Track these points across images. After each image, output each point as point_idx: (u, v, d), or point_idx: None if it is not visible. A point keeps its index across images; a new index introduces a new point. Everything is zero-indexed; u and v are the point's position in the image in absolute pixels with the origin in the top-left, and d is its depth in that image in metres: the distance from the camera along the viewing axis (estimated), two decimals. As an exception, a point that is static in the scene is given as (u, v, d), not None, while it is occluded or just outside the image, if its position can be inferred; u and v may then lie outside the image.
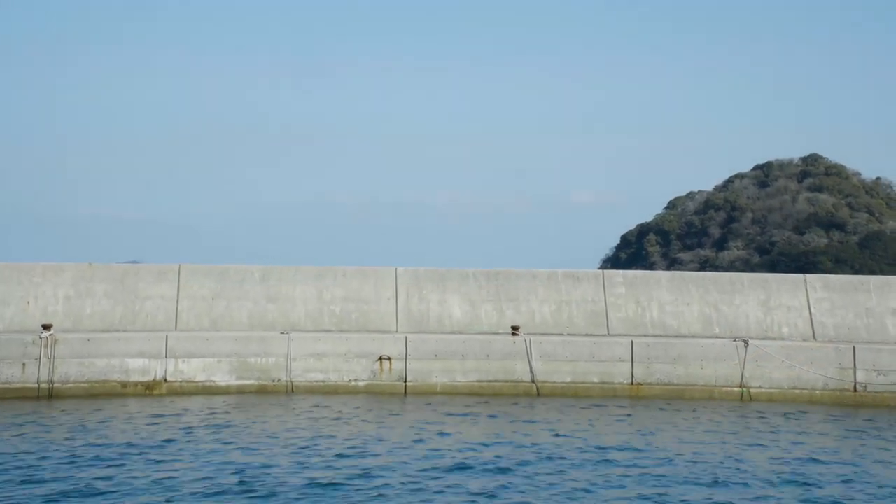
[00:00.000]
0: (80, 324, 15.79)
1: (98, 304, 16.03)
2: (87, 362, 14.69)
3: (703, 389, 15.51)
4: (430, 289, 16.84)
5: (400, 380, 15.40)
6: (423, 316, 16.66)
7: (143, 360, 14.86)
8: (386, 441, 11.34)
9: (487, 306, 16.77)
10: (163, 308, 16.16)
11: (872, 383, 15.39)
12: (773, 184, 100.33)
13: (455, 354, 15.52)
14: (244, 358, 15.18)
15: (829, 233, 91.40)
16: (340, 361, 15.40)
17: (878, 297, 16.99)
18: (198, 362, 15.06)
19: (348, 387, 15.31)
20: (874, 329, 16.77)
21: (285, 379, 15.18)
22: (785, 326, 16.78)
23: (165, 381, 14.89)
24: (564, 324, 16.73)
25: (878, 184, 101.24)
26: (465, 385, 15.44)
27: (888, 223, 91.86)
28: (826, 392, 15.45)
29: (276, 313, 16.41)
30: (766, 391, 15.48)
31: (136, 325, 15.97)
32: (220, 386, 15.02)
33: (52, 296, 15.94)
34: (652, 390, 15.50)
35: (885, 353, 15.56)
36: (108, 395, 14.48)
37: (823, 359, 15.57)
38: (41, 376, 14.42)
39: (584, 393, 15.42)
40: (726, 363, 15.58)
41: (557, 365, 15.58)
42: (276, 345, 15.29)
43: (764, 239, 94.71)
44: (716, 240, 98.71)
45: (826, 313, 16.89)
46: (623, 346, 15.67)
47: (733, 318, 16.82)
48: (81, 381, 14.61)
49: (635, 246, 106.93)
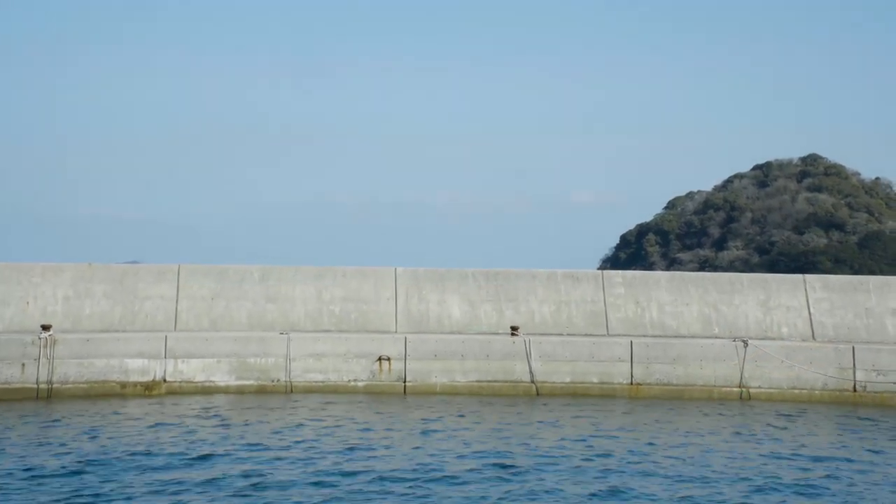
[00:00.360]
0: (79, 324, 15.79)
1: (97, 304, 16.03)
2: (87, 363, 14.69)
3: (703, 389, 15.51)
4: (429, 289, 16.84)
5: (399, 380, 15.40)
6: (423, 316, 16.65)
7: (142, 360, 14.86)
8: (386, 442, 11.33)
9: (487, 306, 16.76)
10: (162, 308, 16.16)
11: (872, 383, 15.40)
12: (773, 184, 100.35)
13: (454, 354, 15.52)
14: (243, 358, 15.18)
15: (829, 233, 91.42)
16: (340, 361, 15.40)
17: (878, 298, 16.99)
18: (197, 362, 15.06)
19: (347, 387, 15.30)
20: (874, 329, 16.77)
21: (284, 379, 15.18)
22: (784, 326, 16.78)
23: (165, 382, 14.89)
24: (564, 324, 16.73)
25: (878, 184, 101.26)
26: (465, 385, 15.44)
27: (887, 223, 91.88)
28: (826, 392, 15.45)
29: (275, 313, 16.40)
30: (766, 391, 15.48)
31: (136, 326, 15.96)
32: (220, 386, 15.02)
33: (52, 296, 15.94)
34: (651, 390, 15.50)
35: (884, 353, 15.56)
36: (108, 395, 14.47)
37: (823, 359, 15.57)
38: (40, 377, 14.41)
39: (583, 393, 15.42)
40: (726, 363, 15.58)
41: (557, 365, 15.58)
42: (276, 345, 15.29)
43: (763, 239, 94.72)
44: (715, 240, 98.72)
45: (825, 313, 16.89)
46: (622, 346, 15.67)
47: (733, 319, 16.82)
48: (81, 382, 14.60)
49: (635, 246, 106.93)
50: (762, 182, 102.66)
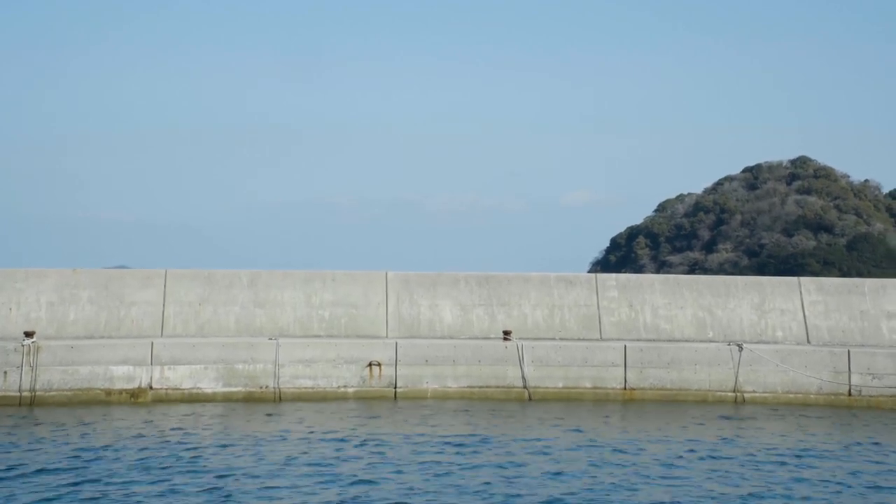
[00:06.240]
0: (63, 330, 15.49)
1: (82, 310, 15.73)
2: (71, 370, 14.40)
3: (697, 394, 15.34)
4: (420, 293, 16.61)
5: (390, 386, 15.16)
6: (414, 321, 16.42)
7: (127, 367, 14.58)
8: (379, 449, 11.10)
9: (479, 311, 16.55)
10: (148, 314, 15.87)
11: (867, 387, 15.25)
12: (763, 186, 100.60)
13: (446, 360, 15.29)
14: (231, 364, 14.91)
15: (818, 235, 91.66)
16: (329, 367, 15.15)
17: (873, 300, 16.86)
18: (184, 369, 14.78)
19: (337, 393, 15.06)
20: (869, 332, 16.63)
21: (273, 385, 14.91)
22: (779, 330, 16.62)
23: (151, 389, 14.60)
24: (557, 328, 16.53)
25: (867, 186, 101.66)
26: (456, 391, 15.22)
27: (876, 225, 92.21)
28: (820, 396, 15.30)
29: (264, 319, 16.15)
30: (761, 395, 15.33)
31: (122, 332, 15.68)
32: (207, 393, 14.74)
33: (35, 302, 15.64)
34: (645, 395, 15.31)
35: (879, 357, 15.42)
36: (92, 403, 14.18)
37: (818, 362, 15.42)
38: (23, 384, 14.12)
39: (576, 398, 15.23)
40: (720, 367, 15.41)
41: (550, 370, 15.38)
42: (264, 351, 15.03)
43: (753, 241, 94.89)
44: (705, 242, 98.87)
45: (820, 316, 16.74)
46: (616, 350, 15.48)
47: (727, 322, 16.66)
48: (65, 389, 14.31)
49: (625, 248, 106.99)
50: (752, 184, 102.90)
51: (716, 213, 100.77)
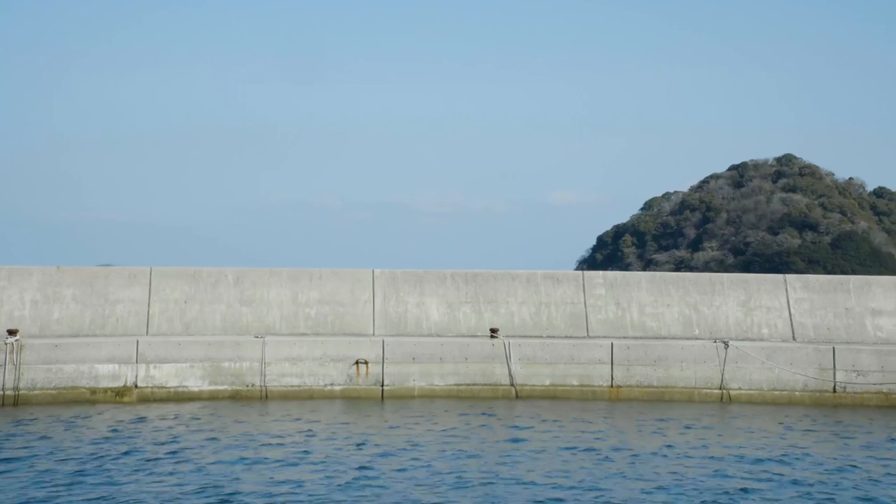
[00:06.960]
0: (47, 329, 15.38)
1: (66, 308, 15.62)
2: (55, 368, 14.29)
3: (683, 391, 15.38)
4: (407, 291, 16.58)
5: (377, 384, 15.13)
6: (401, 318, 16.39)
7: (113, 365, 14.48)
8: (370, 448, 11.08)
9: (466, 308, 16.53)
10: (134, 312, 15.78)
11: (852, 384, 15.33)
12: (748, 184, 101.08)
13: (433, 357, 15.27)
14: (217, 362, 14.84)
15: (803, 233, 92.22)
16: (316, 365, 15.10)
17: (858, 298, 16.95)
18: (170, 367, 14.70)
19: (324, 391, 15.01)
20: (854, 329, 16.72)
21: (259, 384, 14.85)
22: (765, 327, 16.69)
23: (136, 388, 14.52)
24: (544, 326, 16.54)
25: (851, 184, 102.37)
26: (444, 389, 15.20)
27: (860, 223, 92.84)
28: (806, 393, 15.37)
29: (250, 317, 16.08)
30: (746, 392, 15.38)
31: (106, 330, 15.57)
32: (193, 391, 14.67)
33: (19, 300, 15.51)
34: (632, 393, 15.34)
35: (864, 354, 15.50)
36: (77, 401, 14.08)
37: (803, 359, 15.49)
38: (6, 383, 14.00)
39: (563, 396, 15.24)
40: (706, 365, 15.46)
41: (537, 368, 15.38)
42: (251, 349, 14.96)
43: (738, 239, 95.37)
44: (691, 240, 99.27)
45: (806, 314, 16.82)
46: (603, 348, 15.51)
47: (713, 319, 16.71)
48: (49, 388, 14.20)
49: (611, 247, 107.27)
50: (738, 182, 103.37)
51: (702, 211, 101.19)
